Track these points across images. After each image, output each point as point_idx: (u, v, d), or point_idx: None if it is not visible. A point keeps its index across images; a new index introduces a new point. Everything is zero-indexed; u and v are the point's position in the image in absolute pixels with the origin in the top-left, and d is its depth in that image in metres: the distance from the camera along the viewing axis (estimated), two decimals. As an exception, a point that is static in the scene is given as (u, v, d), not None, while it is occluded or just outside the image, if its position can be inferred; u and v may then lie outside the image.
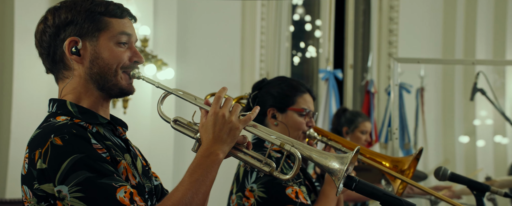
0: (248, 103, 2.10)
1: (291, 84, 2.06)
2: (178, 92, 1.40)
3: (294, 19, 6.52)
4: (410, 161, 2.06)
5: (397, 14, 5.78)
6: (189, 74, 4.32)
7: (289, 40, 5.37)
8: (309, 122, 2.05)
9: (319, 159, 1.34)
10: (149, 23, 3.83)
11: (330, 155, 1.34)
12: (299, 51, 6.47)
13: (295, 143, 1.38)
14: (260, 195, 1.85)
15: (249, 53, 4.75)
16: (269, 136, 1.38)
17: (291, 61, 6.34)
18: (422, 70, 5.32)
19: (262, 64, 4.87)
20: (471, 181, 2.01)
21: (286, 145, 1.36)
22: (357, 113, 3.68)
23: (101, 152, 1.24)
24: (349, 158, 1.32)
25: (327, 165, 1.33)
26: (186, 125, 1.41)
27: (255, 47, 4.80)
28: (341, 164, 1.32)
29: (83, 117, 1.31)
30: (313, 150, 1.37)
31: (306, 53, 6.17)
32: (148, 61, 3.72)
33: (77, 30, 1.32)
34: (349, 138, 3.53)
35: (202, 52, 4.46)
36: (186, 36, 4.34)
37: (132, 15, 1.41)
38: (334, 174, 1.33)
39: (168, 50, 4.04)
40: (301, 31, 6.47)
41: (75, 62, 1.33)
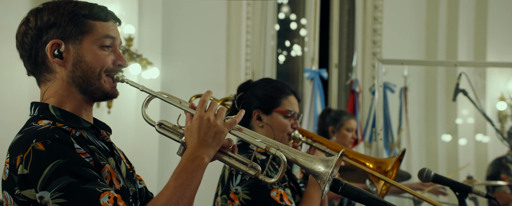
0: (234, 105, 2.10)
1: (276, 86, 2.07)
2: (162, 96, 1.40)
3: (280, 17, 6.52)
4: (393, 162, 2.09)
5: (381, 14, 5.83)
6: (175, 73, 4.30)
7: (275, 39, 5.37)
8: (294, 124, 2.06)
9: (305, 162, 1.36)
10: (134, 22, 3.80)
11: (315, 158, 1.36)
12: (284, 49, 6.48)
13: (281, 146, 1.38)
14: (245, 197, 1.86)
15: (234, 53, 4.74)
16: (254, 139, 1.38)
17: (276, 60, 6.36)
18: (406, 70, 5.37)
19: (248, 63, 4.86)
20: (454, 182, 2.05)
21: (271, 148, 1.36)
22: (342, 112, 3.72)
23: (84, 156, 1.23)
24: (334, 161, 1.34)
25: (312, 168, 1.34)
26: (171, 129, 1.40)
27: (241, 46, 4.79)
28: (326, 167, 1.33)
29: (65, 121, 1.29)
30: (298, 153, 1.38)
31: (291, 52, 6.18)
32: (132, 60, 3.69)
33: (59, 33, 1.30)
34: (336, 137, 3.56)
35: (188, 51, 4.44)
36: (171, 35, 4.32)
37: (116, 18, 1.40)
38: (319, 177, 1.34)
39: (153, 50, 4.02)
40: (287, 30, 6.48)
41: (57, 65, 1.31)
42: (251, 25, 4.89)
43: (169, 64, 4.26)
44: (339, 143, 3.58)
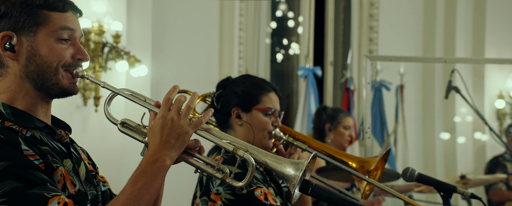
0: (212, 102, 2.05)
1: (256, 83, 2.02)
2: (124, 93, 1.33)
3: (277, 15, 6.46)
4: (377, 162, 2.03)
5: (377, 11, 5.77)
6: (165, 71, 4.25)
7: (269, 37, 5.31)
8: (274, 122, 2.01)
9: (274, 165, 1.30)
10: (122, 18, 3.74)
11: (286, 160, 1.31)
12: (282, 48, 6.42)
13: (250, 148, 1.32)
14: (228, 197, 1.80)
15: (227, 50, 4.69)
16: (221, 141, 1.31)
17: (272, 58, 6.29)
18: (402, 68, 5.31)
19: (241, 61, 4.81)
20: (438, 182, 1.99)
21: (239, 150, 1.30)
22: (338, 109, 3.66)
23: (33, 158, 1.15)
24: (305, 164, 1.29)
25: (282, 171, 1.29)
26: (134, 128, 1.33)
27: (234, 43, 4.73)
28: (296, 170, 1.28)
29: (16, 120, 1.21)
30: (268, 155, 1.32)
31: (289, 50, 6.12)
32: (120, 58, 3.64)
33: (11, 24, 1.21)
34: (333, 135, 3.50)
35: (179, 48, 4.39)
36: (162, 32, 4.26)
37: (76, 9, 1.31)
38: (289, 180, 1.29)
39: (142, 47, 3.96)
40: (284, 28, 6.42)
41: (9, 59, 1.23)
42: (244, 22, 4.83)
43: (160, 61, 4.20)
44: (336, 141, 3.53)
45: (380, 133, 5.04)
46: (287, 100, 5.61)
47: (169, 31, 4.33)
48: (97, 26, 3.52)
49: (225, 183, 1.80)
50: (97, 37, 3.53)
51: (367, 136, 2.59)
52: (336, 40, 5.70)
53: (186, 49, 4.43)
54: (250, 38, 4.84)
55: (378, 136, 5.02)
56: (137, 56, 3.77)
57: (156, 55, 4.15)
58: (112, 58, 3.61)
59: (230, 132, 2.01)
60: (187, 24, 4.45)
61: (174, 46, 4.37)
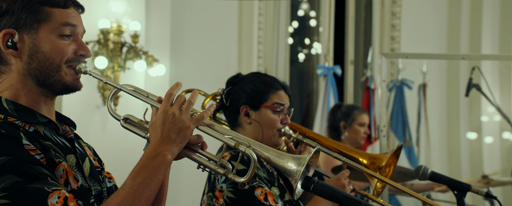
0: (222, 99, 2.05)
1: (264, 81, 2.01)
2: (127, 89, 1.33)
3: (299, 14, 6.43)
4: (388, 158, 2.00)
5: (399, 9, 5.67)
6: (184, 70, 4.28)
7: (288, 36, 5.29)
8: (284, 119, 2.00)
9: (276, 160, 1.29)
10: (141, 18, 3.79)
11: (288, 156, 1.29)
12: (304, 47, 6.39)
13: (253, 143, 1.31)
14: (229, 195, 1.80)
15: (246, 49, 4.69)
16: (223, 136, 1.31)
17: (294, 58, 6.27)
18: (424, 66, 5.21)
19: (260, 60, 4.80)
20: (452, 180, 1.94)
21: (240, 146, 1.29)
22: (353, 106, 3.63)
23: (34, 153, 1.15)
24: (307, 159, 1.27)
25: (283, 166, 1.28)
26: (137, 124, 1.33)
27: (253, 43, 4.73)
28: (298, 165, 1.27)
29: (19, 115, 1.21)
30: (271, 150, 1.31)
31: (312, 50, 6.08)
32: (138, 57, 3.69)
33: (13, 22, 1.22)
34: (347, 132, 3.47)
35: (198, 48, 4.41)
36: (181, 31, 4.29)
37: (78, 5, 1.32)
38: (291, 175, 1.28)
39: (161, 46, 4.00)
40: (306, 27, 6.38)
41: (11, 56, 1.23)
42: (263, 21, 4.83)
43: (178, 61, 4.23)
44: (351, 139, 3.49)
45: (402, 133, 4.96)
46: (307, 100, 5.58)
47: (187, 30, 4.36)
48: (116, 26, 3.57)
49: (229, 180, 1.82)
50: (116, 37, 3.59)
51: (382, 134, 2.55)
52: (357, 39, 5.64)
53: (205, 48, 4.45)
54: (269, 38, 4.83)
55: (400, 136, 4.94)
56: (155, 55, 3.81)
57: (174, 55, 4.18)
58: (130, 58, 3.66)
59: (239, 130, 2.01)
60: (206, 24, 4.47)
61: (192, 45, 4.40)
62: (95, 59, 3.53)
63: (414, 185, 3.53)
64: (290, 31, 6.34)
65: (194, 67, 4.32)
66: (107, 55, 3.57)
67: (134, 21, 3.65)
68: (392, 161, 2.07)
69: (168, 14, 4.06)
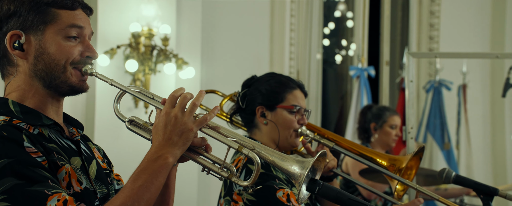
0: (238, 102, 2.04)
1: (280, 80, 1.99)
2: (132, 90, 1.33)
3: (335, 15, 6.34)
4: (408, 159, 1.92)
5: (438, 7, 5.49)
6: (214, 72, 4.30)
7: (320, 37, 5.22)
8: (300, 120, 1.96)
9: (280, 163, 1.27)
10: (171, 21, 3.84)
11: (291, 158, 1.27)
12: (341, 49, 6.29)
13: (257, 146, 1.29)
14: (249, 198, 1.78)
15: (278, 51, 4.67)
16: (226, 139, 1.29)
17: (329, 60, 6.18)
18: (464, 66, 5.02)
19: (292, 62, 4.77)
20: (478, 184, 1.85)
21: (244, 149, 1.27)
22: (384, 107, 3.53)
23: (35, 155, 1.14)
24: (311, 162, 1.24)
25: (287, 169, 1.26)
26: (142, 126, 1.33)
27: (284, 44, 4.71)
28: (302, 168, 1.24)
29: (24, 117, 1.22)
30: (276, 153, 1.28)
31: (349, 51, 5.98)
32: (168, 60, 3.74)
33: (20, 23, 1.23)
34: (378, 134, 3.38)
35: (229, 50, 4.43)
36: (211, 33, 4.32)
37: (86, 6, 1.33)
38: (294, 178, 1.26)
39: (192, 49, 4.04)
40: (343, 28, 6.28)
41: (18, 58, 1.24)
42: (295, 23, 4.80)
43: (209, 63, 4.26)
44: (381, 141, 3.40)
45: (440, 135, 4.79)
46: (341, 102, 5.49)
47: (218, 32, 4.39)
48: (147, 30, 3.64)
49: None
50: (147, 40, 3.66)
51: (410, 136, 2.46)
52: (392, 39, 5.50)
53: (236, 50, 4.46)
54: (301, 39, 4.79)
55: (438, 138, 4.77)
56: (186, 58, 3.86)
57: (205, 57, 4.21)
58: (161, 61, 3.72)
59: (255, 131, 1.99)
60: (237, 26, 4.49)
61: (223, 47, 4.42)
62: (126, 63, 3.61)
63: (448, 189, 3.40)
64: (326, 32, 6.27)
65: (225, 70, 4.34)
66: (138, 59, 3.64)
67: (164, 24, 3.71)
68: (415, 163, 2.00)
69: (199, 17, 4.10)
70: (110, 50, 3.57)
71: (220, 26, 4.39)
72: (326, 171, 1.99)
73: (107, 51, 3.56)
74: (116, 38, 3.64)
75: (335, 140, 2.04)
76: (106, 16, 3.63)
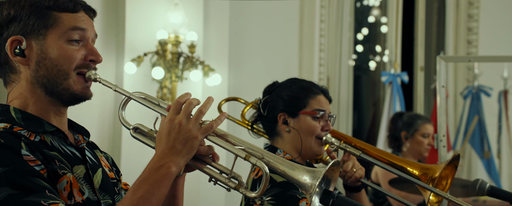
0: (259, 109, 1.96)
1: (302, 85, 1.90)
2: (136, 97, 1.26)
3: (369, 21, 6.19)
4: (442, 168, 1.79)
5: (477, 10, 5.27)
6: (243, 79, 4.24)
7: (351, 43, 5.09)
8: (325, 126, 1.86)
9: (290, 172, 1.18)
10: (198, 28, 3.82)
11: (300, 168, 1.18)
12: (375, 55, 6.13)
13: (266, 155, 1.21)
14: None
15: (307, 57, 4.57)
16: (233, 147, 1.21)
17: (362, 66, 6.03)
18: (505, 71, 4.78)
19: (322, 68, 4.66)
20: (516, 196, 1.70)
21: (251, 157, 1.19)
22: (416, 115, 3.37)
23: (33, 164, 1.09)
24: (322, 172, 1.15)
25: (297, 179, 1.17)
26: (147, 133, 1.26)
27: (314, 50, 4.61)
28: (313, 178, 1.15)
29: (26, 124, 1.17)
30: (286, 162, 1.20)
31: (384, 57, 5.83)
32: (194, 67, 3.71)
33: (20, 28, 1.18)
34: (409, 143, 3.23)
35: (256, 56, 4.36)
36: (239, 39, 4.26)
37: (90, 9, 1.27)
38: (305, 189, 1.17)
39: (219, 56, 4.00)
40: (377, 34, 6.12)
41: (20, 64, 1.19)
42: (325, 28, 4.69)
43: (237, 70, 4.21)
44: (413, 150, 3.24)
45: (479, 144, 4.56)
46: (374, 109, 5.33)
47: (246, 38, 4.33)
48: (174, 37, 3.62)
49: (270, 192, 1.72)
50: (174, 47, 3.64)
51: (442, 144, 2.32)
52: (427, 44, 5.31)
53: (264, 56, 4.39)
54: (331, 45, 4.68)
55: (477, 147, 4.54)
56: (213, 65, 3.82)
57: (233, 64, 4.16)
58: (187, 68, 3.70)
59: (278, 140, 1.91)
60: (265, 32, 4.42)
61: (251, 53, 4.36)
62: (153, 70, 3.60)
63: (487, 201, 3.20)
64: (359, 38, 6.13)
65: (252, 76, 4.27)
66: (165, 66, 3.63)
67: (191, 31, 3.69)
68: (449, 172, 1.86)
69: (226, 23, 4.06)
70: (137, 58, 3.57)
71: (248, 32, 4.33)
72: (353, 181, 1.88)
73: (134, 59, 3.56)
74: (143, 46, 3.64)
75: (362, 148, 1.92)
76: (133, 24, 3.63)
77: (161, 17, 3.68)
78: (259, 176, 1.80)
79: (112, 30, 3.67)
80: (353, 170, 1.86)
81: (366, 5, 6.16)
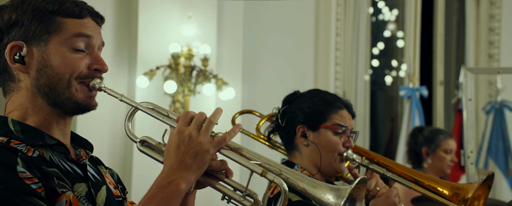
0: (277, 119, 1.86)
1: (324, 98, 1.79)
2: (143, 107, 1.17)
3: (385, 35, 6.10)
4: (475, 189, 1.65)
5: (499, 24, 5.14)
6: (256, 93, 4.15)
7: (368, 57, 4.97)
8: (346, 142, 1.75)
9: (312, 190, 1.08)
10: (212, 41, 3.74)
11: (323, 185, 1.08)
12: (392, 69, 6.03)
13: (285, 171, 1.11)
14: None
15: (322, 71, 4.46)
16: (248, 162, 1.11)
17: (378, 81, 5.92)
18: (530, 85, 4.60)
19: (338, 82, 4.55)
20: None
21: (269, 173, 1.09)
22: (438, 130, 3.23)
23: (29, 182, 1.01)
24: (348, 191, 1.05)
25: (320, 198, 1.07)
26: (155, 147, 1.17)
27: (330, 64, 4.50)
28: (338, 197, 1.05)
29: (25, 137, 1.08)
30: (306, 179, 1.10)
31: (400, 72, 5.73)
32: (207, 81, 3.62)
33: (22, 33, 1.10)
34: (431, 159, 3.09)
35: (271, 69, 4.27)
36: (253, 52, 4.18)
37: (97, 15, 1.18)
38: None
39: (233, 69, 3.91)
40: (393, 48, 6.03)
41: (19, 72, 1.11)
42: (341, 41, 4.59)
43: (251, 84, 4.12)
44: (435, 167, 3.09)
45: (503, 161, 4.36)
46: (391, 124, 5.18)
47: (260, 52, 4.25)
48: (187, 50, 3.55)
49: None
50: (187, 61, 3.57)
51: (470, 161, 2.18)
52: (447, 58, 5.17)
53: (278, 70, 4.30)
54: (347, 59, 4.57)
55: (501, 165, 4.35)
56: (227, 79, 3.73)
57: (246, 78, 4.07)
58: (200, 81, 3.61)
59: (295, 154, 1.80)
60: (280, 45, 4.33)
61: (265, 67, 4.27)
62: (165, 84, 3.52)
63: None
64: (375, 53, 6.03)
65: (267, 90, 4.17)
66: (177, 80, 3.55)
67: (204, 44, 3.61)
68: (482, 192, 1.72)
69: (240, 36, 3.99)
70: (149, 72, 3.49)
71: (262, 45, 4.24)
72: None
73: (146, 73, 3.48)
74: (155, 59, 3.57)
75: (386, 165, 1.80)
76: (146, 37, 3.57)
77: (174, 30, 3.61)
78: (274, 194, 1.69)
79: (124, 43, 3.61)
80: (376, 188, 1.73)
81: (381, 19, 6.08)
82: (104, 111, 3.40)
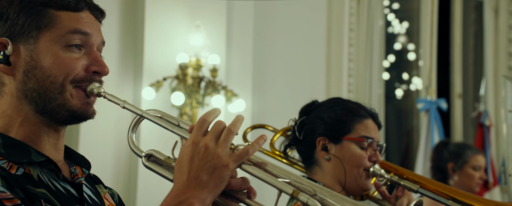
0: (294, 132, 1.68)
1: (347, 106, 1.62)
2: (150, 115, 1.00)
3: (395, 48, 5.97)
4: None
5: (517, 34, 4.98)
6: (266, 105, 3.98)
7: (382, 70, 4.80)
8: (373, 156, 1.57)
9: None
10: (221, 51, 3.60)
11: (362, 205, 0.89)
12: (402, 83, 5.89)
13: (319, 190, 0.92)
14: None
15: (335, 83, 4.30)
16: (275, 180, 0.93)
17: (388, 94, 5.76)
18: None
19: (351, 94, 4.37)
20: None
21: (301, 194, 0.91)
22: (465, 145, 3.03)
23: (10, 203, 0.86)
24: None
25: None
26: (163, 162, 0.99)
27: (342, 76, 4.33)
28: None
29: (7, 153, 0.93)
30: (347, 201, 0.91)
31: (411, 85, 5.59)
32: (216, 92, 3.46)
33: (6, 29, 0.95)
34: (458, 176, 2.88)
35: (282, 80, 4.12)
36: (263, 63, 4.03)
37: (97, 8, 1.02)
38: None
39: (242, 80, 3.76)
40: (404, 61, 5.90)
41: (3, 74, 0.96)
42: (354, 52, 4.42)
43: (261, 95, 3.96)
44: (462, 184, 2.88)
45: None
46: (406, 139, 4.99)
47: (271, 62, 4.10)
48: (195, 61, 3.40)
49: None
50: (195, 72, 3.42)
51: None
52: (465, 70, 4.99)
53: (290, 81, 4.14)
54: (361, 71, 4.40)
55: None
56: (236, 90, 3.58)
57: (257, 89, 3.92)
58: (209, 93, 3.46)
59: (316, 169, 1.62)
60: (291, 55, 4.18)
61: (276, 78, 4.11)
62: (172, 95, 3.37)
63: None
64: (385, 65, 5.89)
65: (277, 102, 4.00)
66: (185, 91, 3.39)
67: (213, 54, 3.46)
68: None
69: (250, 46, 3.84)
70: (156, 83, 3.34)
71: (273, 55, 4.09)
72: None
73: (153, 84, 3.33)
74: (162, 70, 3.42)
75: (418, 182, 1.61)
76: (152, 47, 3.42)
77: (181, 40, 3.47)
78: None
79: (130, 53, 3.47)
80: None
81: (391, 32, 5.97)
82: (108, 122, 3.24)
